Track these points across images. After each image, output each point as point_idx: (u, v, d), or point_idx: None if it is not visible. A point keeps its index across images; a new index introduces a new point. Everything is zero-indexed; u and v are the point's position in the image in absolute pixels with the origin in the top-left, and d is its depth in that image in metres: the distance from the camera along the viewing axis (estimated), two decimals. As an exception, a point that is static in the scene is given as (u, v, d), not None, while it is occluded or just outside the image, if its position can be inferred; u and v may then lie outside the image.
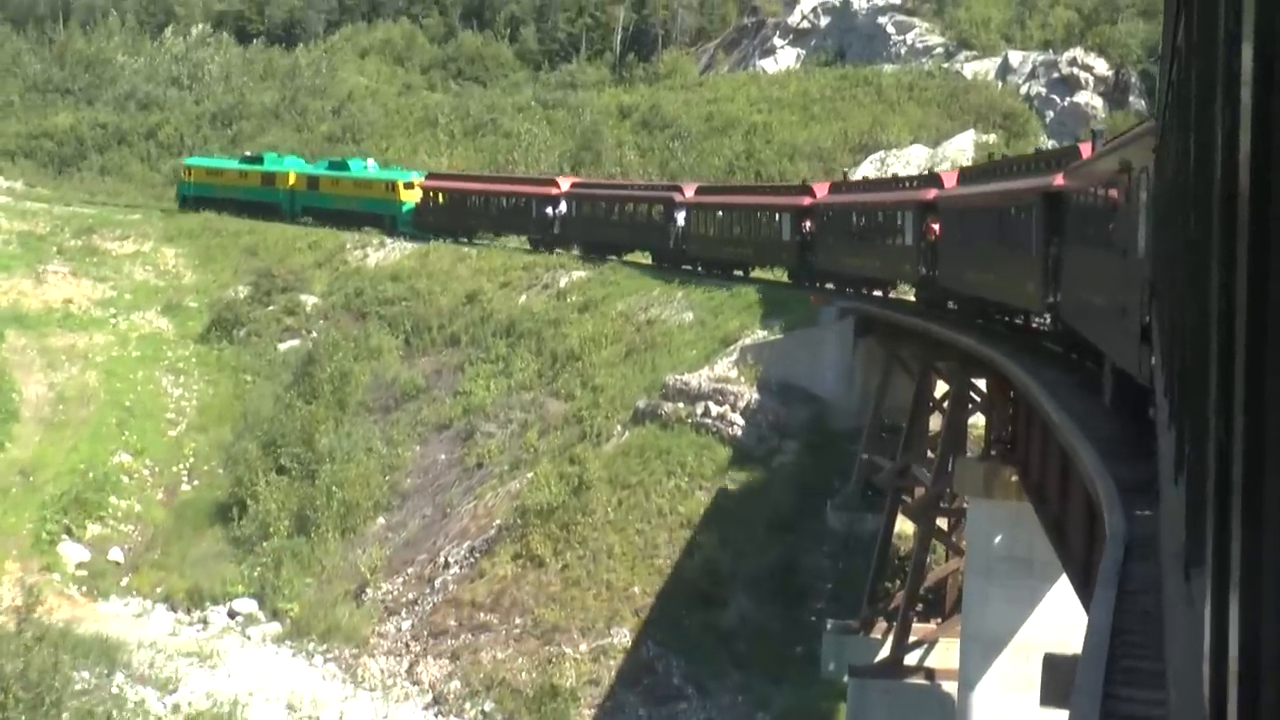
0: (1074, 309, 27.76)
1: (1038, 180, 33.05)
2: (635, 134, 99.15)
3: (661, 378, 55.07)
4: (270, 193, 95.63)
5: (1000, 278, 36.25)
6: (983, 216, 38.43)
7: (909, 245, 46.02)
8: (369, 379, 70.51)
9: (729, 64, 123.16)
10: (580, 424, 55.81)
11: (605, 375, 59.30)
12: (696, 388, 52.31)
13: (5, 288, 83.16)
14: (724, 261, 64.62)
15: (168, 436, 72.10)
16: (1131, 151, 20.01)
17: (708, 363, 54.52)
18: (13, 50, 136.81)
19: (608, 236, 72.68)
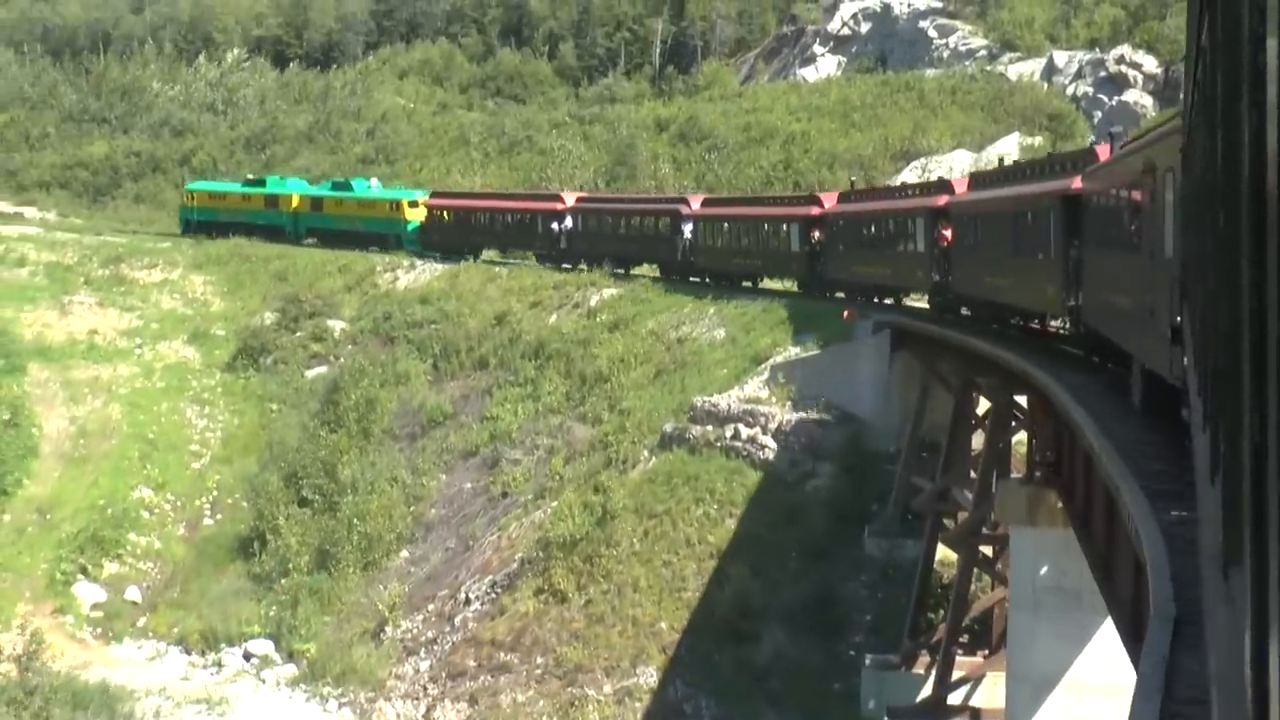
0: (1097, 312, 27.25)
1: (1055, 183, 32.19)
2: (672, 147, 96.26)
3: (691, 399, 51.97)
4: (274, 215, 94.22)
5: (1017, 282, 35.50)
6: (998, 221, 37.58)
7: (921, 252, 45.01)
8: (395, 406, 67.75)
9: (769, 73, 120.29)
10: (606, 450, 52.77)
11: (633, 397, 56.29)
12: (726, 409, 49.20)
13: (30, 320, 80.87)
14: (732, 273, 63.40)
15: (191, 469, 69.55)
16: (1155, 151, 19.61)
17: (738, 382, 51.42)
18: (49, 82, 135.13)
19: (615, 250, 71.27)
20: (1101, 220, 26.16)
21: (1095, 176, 27.82)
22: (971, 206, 41.09)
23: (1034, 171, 36.55)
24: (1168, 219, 18.05)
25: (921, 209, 45.30)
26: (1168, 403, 19.33)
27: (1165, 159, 18.52)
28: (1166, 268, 17.90)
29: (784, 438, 47.93)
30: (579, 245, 73.89)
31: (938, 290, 45.23)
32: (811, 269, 56.37)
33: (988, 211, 39.01)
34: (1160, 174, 18.96)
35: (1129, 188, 22.26)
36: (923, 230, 44.70)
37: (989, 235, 38.83)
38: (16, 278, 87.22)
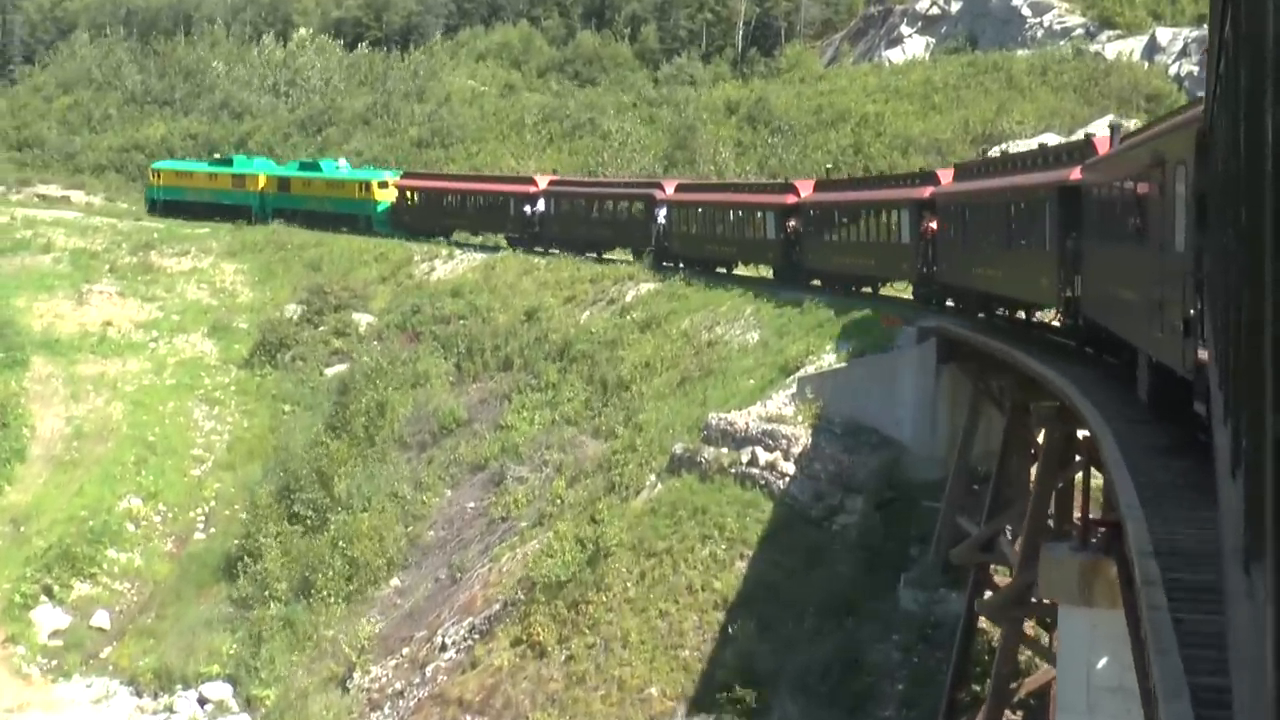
0: (1098, 304, 26.51)
1: (1051, 174, 31.29)
2: (739, 130, 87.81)
3: (710, 413, 43.70)
4: (241, 195, 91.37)
5: (1009, 273, 34.67)
6: (990, 212, 36.54)
7: (905, 243, 43.55)
8: (410, 409, 60.04)
9: (853, 56, 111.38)
10: (610, 472, 44.69)
11: (652, 409, 48.22)
12: (743, 429, 40.93)
13: (42, 310, 74.13)
14: (707, 259, 60.72)
15: (189, 476, 62.35)
16: (1165, 144, 19.09)
17: (763, 395, 43.07)
18: (115, 63, 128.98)
19: (588, 234, 68.73)
20: (1105, 212, 25.24)
21: (1097, 168, 26.99)
22: (960, 197, 39.69)
23: (1026, 162, 35.82)
24: (1179, 212, 17.51)
25: (906, 200, 43.84)
26: (1176, 395, 18.55)
27: (1176, 151, 17.96)
28: (1178, 261, 17.39)
29: (808, 464, 39.57)
30: (552, 228, 71.06)
31: (923, 281, 43.41)
32: (787, 257, 54.01)
33: (979, 202, 37.69)
34: (1171, 166, 18.35)
35: (1136, 180, 21.41)
36: (907, 221, 43.13)
37: (979, 226, 37.56)
38: (38, 265, 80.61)
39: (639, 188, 67.66)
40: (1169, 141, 18.95)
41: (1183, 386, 17.67)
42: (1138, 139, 23.43)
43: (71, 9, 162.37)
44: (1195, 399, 16.32)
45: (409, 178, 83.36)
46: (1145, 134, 22.99)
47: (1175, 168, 18.20)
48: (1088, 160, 29.02)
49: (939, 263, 41.66)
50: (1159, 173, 19.30)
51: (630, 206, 65.99)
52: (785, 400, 41.78)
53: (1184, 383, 17.47)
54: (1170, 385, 18.94)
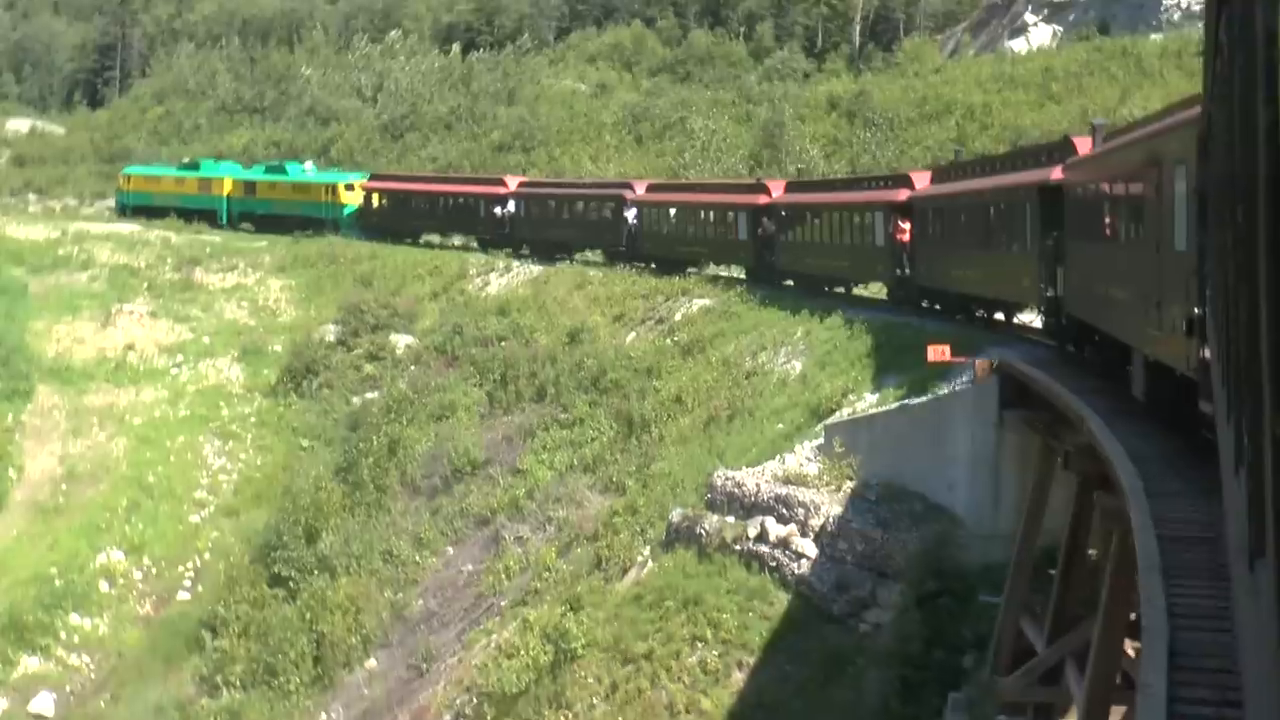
0: (1085, 303, 25.36)
1: (1031, 174, 30.28)
2: (835, 127, 77.46)
3: (718, 469, 33.73)
4: (207, 199, 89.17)
5: (989, 274, 33.71)
6: (967, 213, 35.57)
7: (880, 245, 42.10)
8: (427, 448, 50.71)
9: (975, 47, 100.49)
10: (598, 544, 34.94)
11: (672, 456, 38.74)
12: (753, 493, 30.91)
13: (62, 333, 66.19)
14: (678, 260, 57.66)
15: (185, 524, 53.70)
16: (1162, 143, 18.40)
17: (788, 444, 32.97)
18: (209, 71, 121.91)
19: (559, 235, 66.01)
20: (1093, 211, 24.22)
21: (1083, 167, 26.03)
22: (938, 199, 38.71)
23: (1003, 164, 35.17)
24: (1179, 210, 17.11)
25: (880, 203, 42.52)
26: (1173, 394, 18.11)
27: (1174, 150, 17.41)
28: (1179, 260, 17.05)
29: (831, 542, 29.40)
30: (522, 230, 68.28)
31: (899, 283, 41.82)
32: (760, 258, 51.58)
33: (957, 204, 36.66)
34: (1168, 165, 17.76)
35: (1129, 179, 20.56)
36: (881, 223, 41.72)
37: (957, 227, 36.53)
38: (73, 283, 72.91)
39: (609, 188, 65.18)
40: (1168, 139, 18.13)
41: (1182, 385, 17.25)
42: (1128, 137, 22.24)
43: (190, 20, 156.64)
44: (1201, 398, 15.65)
45: (376, 180, 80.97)
46: (1137, 132, 21.69)
47: (1175, 166, 17.42)
48: (1070, 159, 27.95)
49: (915, 265, 40.06)
50: (1157, 171, 18.45)
51: (600, 207, 63.37)
52: (809, 454, 31.67)
53: (1182, 381, 17.11)
54: (1168, 384, 18.46)
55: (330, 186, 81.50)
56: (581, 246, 65.50)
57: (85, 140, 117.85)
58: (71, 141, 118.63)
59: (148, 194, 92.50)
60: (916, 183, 41.57)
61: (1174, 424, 19.18)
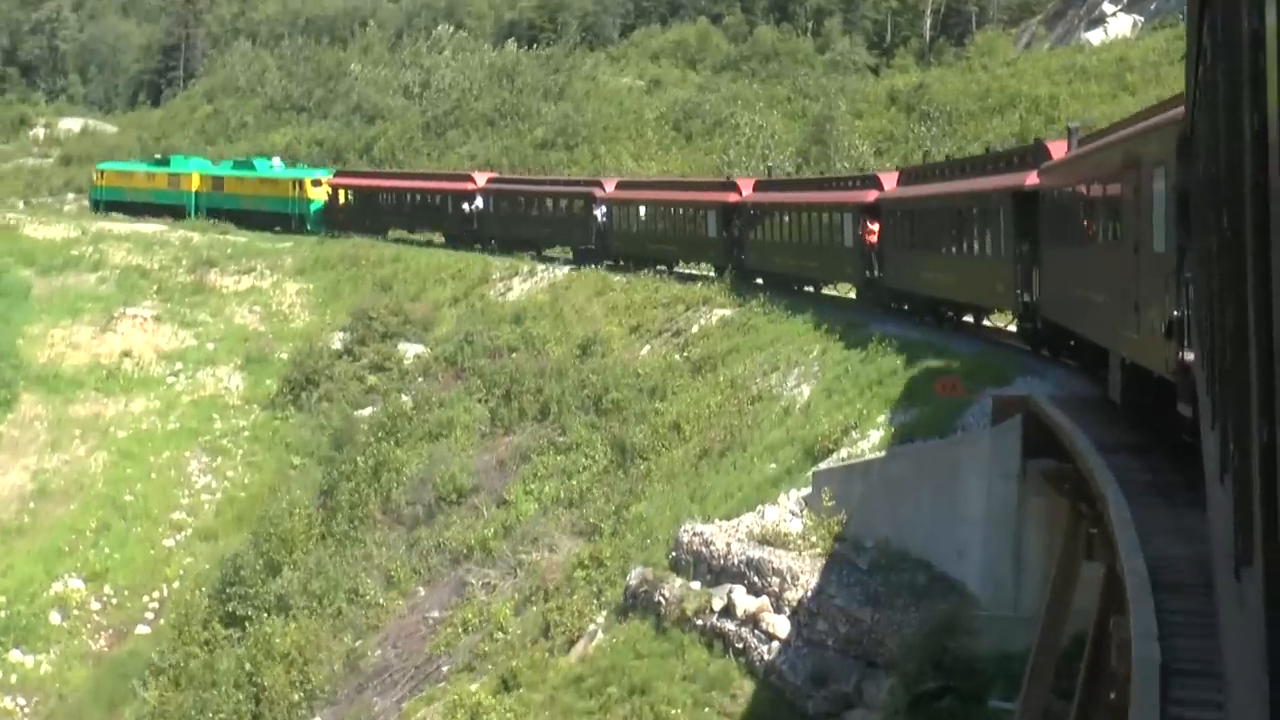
0: (1061, 307, 24.54)
1: (1004, 178, 29.56)
2: (893, 121, 71.09)
3: (685, 522, 27.68)
4: (176, 195, 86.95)
5: (961, 278, 32.35)
6: (938, 216, 34.19)
7: (850, 246, 40.68)
8: (418, 469, 45.04)
9: (1050, 40, 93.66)
10: (554, 601, 28.93)
11: (656, 495, 32.80)
12: (723, 553, 24.87)
13: (57, 338, 61.13)
14: (648, 258, 55.27)
15: (158, 548, 48.32)
16: (1141, 144, 17.91)
17: (775, 491, 26.79)
18: (259, 69, 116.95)
19: (528, 233, 63.86)
20: (1070, 214, 23.72)
21: (1059, 171, 25.26)
22: (908, 201, 37.35)
23: (972, 167, 34.65)
24: (1158, 213, 16.57)
25: (849, 203, 41.25)
26: (1150, 396, 17.76)
27: (1155, 152, 16.87)
28: (1158, 262, 16.49)
29: (810, 621, 23.28)
30: (491, 227, 66.12)
31: (869, 285, 40.71)
32: (729, 256, 49.68)
33: (928, 206, 35.23)
34: (1147, 167, 17.22)
35: (1108, 181, 19.89)
36: (850, 224, 40.39)
37: (928, 230, 34.90)
38: (81, 285, 67.86)
39: (578, 185, 63.27)
40: (1147, 142, 17.55)
41: (1159, 387, 16.76)
42: (1105, 140, 21.40)
43: (252, 20, 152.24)
44: (1180, 401, 15.13)
45: (342, 176, 79.29)
46: (1114, 135, 20.78)
47: (1154, 168, 16.77)
48: (1046, 163, 27.11)
49: (885, 267, 38.81)
50: (1135, 174, 17.81)
51: (571, 204, 61.27)
52: (794, 507, 25.48)
53: (1160, 383, 16.60)
54: (1144, 386, 17.97)
55: (297, 182, 79.73)
56: (551, 244, 63.40)
57: (134, 139, 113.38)
58: (120, 141, 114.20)
59: (120, 189, 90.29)
60: (885, 184, 40.24)
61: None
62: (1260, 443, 3.99)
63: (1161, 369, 16.30)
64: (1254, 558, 4.22)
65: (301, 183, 79.17)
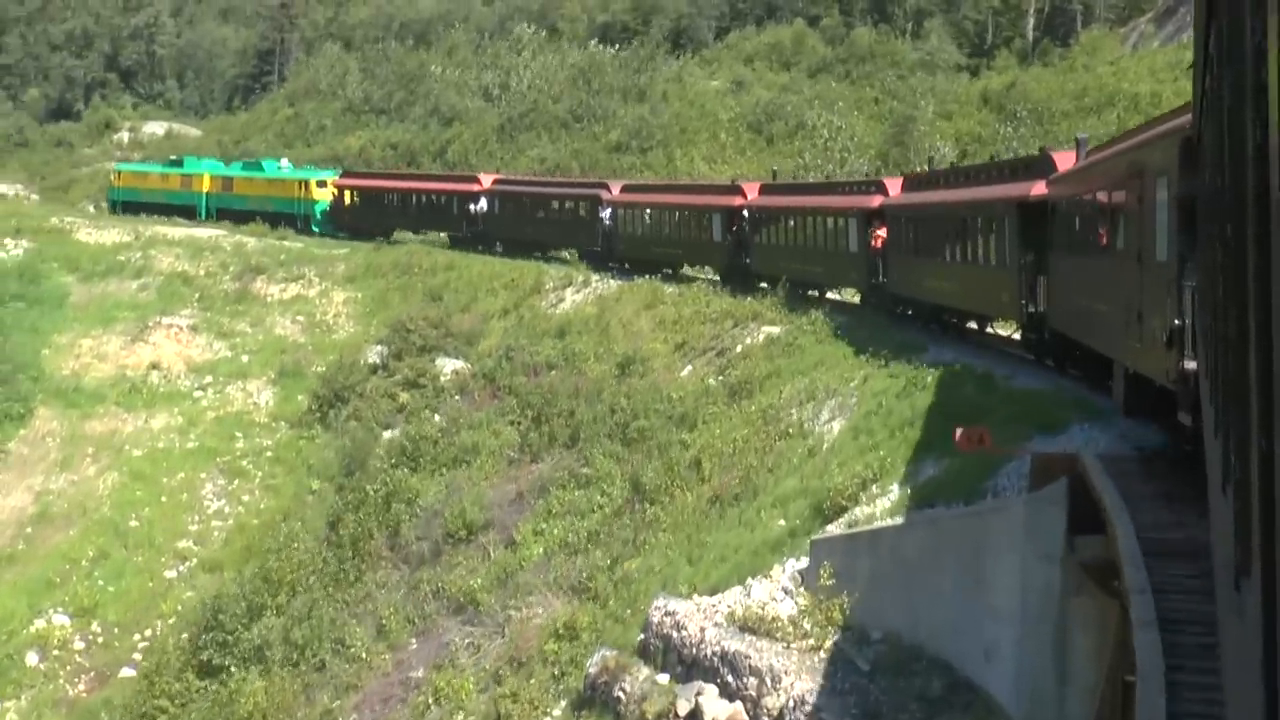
0: (1069, 317, 24.02)
1: (1010, 188, 28.68)
2: (982, 122, 65.42)
3: (705, 573, 22.52)
4: (188, 195, 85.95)
5: (967, 287, 31.49)
6: (944, 225, 33.03)
7: (855, 252, 39.42)
8: (435, 499, 40.34)
9: (1159, 39, 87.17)
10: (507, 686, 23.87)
11: (657, 547, 27.85)
12: (696, 640, 19.71)
13: (84, 348, 57.27)
14: (653, 261, 54.75)
15: (158, 579, 43.89)
16: (1145, 154, 17.47)
17: (774, 557, 21.54)
18: (340, 72, 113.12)
19: (533, 235, 62.42)
20: (1076, 224, 23.23)
21: (1066, 181, 24.89)
22: (913, 208, 35.84)
23: (977, 175, 33.25)
24: (1161, 222, 16.16)
25: (854, 209, 39.66)
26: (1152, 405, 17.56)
27: (1158, 161, 16.52)
28: (1160, 271, 16.06)
29: (796, 737, 17.93)
30: (497, 228, 64.58)
31: (873, 291, 39.27)
32: (734, 260, 48.68)
33: (933, 214, 34.09)
34: (1150, 176, 16.86)
35: (1113, 191, 19.56)
36: (856, 230, 39.15)
37: (934, 238, 33.71)
38: (121, 292, 64.05)
39: (584, 188, 61.83)
40: (1150, 151, 17.20)
41: (1161, 396, 16.47)
42: (1111, 150, 20.86)
43: (345, 24, 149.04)
44: (1180, 410, 14.96)
45: (348, 177, 77.63)
46: (1120, 145, 20.30)
47: (1157, 178, 16.41)
48: (1055, 174, 26.09)
49: (889, 273, 37.72)
50: (1138, 183, 17.49)
51: (576, 207, 59.86)
52: (788, 582, 20.22)
53: (1162, 392, 16.27)
54: (1147, 396, 17.73)
55: (303, 183, 78.53)
56: (557, 246, 62.04)
57: (214, 143, 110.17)
58: (200, 144, 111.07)
59: (135, 190, 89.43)
60: (891, 190, 38.83)
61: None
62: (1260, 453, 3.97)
63: (1162, 378, 15.93)
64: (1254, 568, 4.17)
65: (307, 184, 78.02)
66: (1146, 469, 16.98)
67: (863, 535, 19.80)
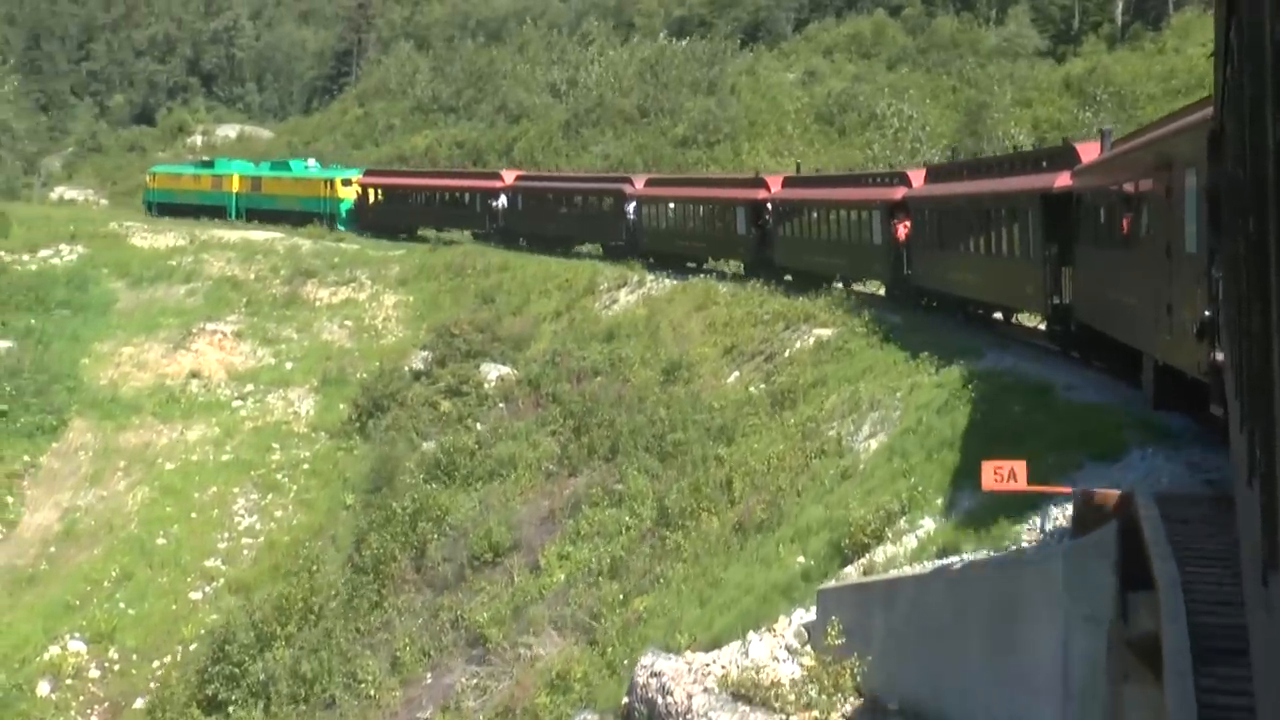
0: (1095, 309, 23.71)
1: (1034, 179, 28.07)
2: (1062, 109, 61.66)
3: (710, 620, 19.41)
4: (218, 196, 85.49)
5: (991, 279, 30.95)
6: (968, 216, 32.54)
7: (878, 244, 38.62)
8: (467, 515, 37.56)
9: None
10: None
11: (672, 581, 24.59)
12: (682, 708, 16.53)
13: (124, 356, 55.22)
14: (678, 255, 53.70)
15: (183, 601, 41.47)
16: (1171, 145, 17.13)
17: (784, 603, 18.34)
18: (410, 71, 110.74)
19: (557, 230, 61.41)
20: (1102, 216, 22.64)
21: (1092, 172, 24.44)
22: (936, 200, 35.23)
23: (1000, 167, 33.01)
24: (1189, 213, 15.85)
25: (877, 201, 38.85)
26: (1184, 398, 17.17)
27: (1185, 152, 16.12)
28: (1190, 263, 15.73)
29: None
30: (520, 224, 63.79)
31: (897, 283, 38.39)
32: (759, 253, 47.99)
33: (957, 206, 33.28)
34: (1179, 167, 16.55)
35: (1140, 182, 19.21)
36: (879, 222, 38.23)
37: (958, 231, 33.13)
38: (168, 298, 62.00)
39: (609, 182, 60.62)
40: (1178, 142, 16.81)
41: (1192, 388, 16.08)
42: (1139, 141, 20.44)
43: (421, 23, 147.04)
44: (1213, 402, 14.38)
45: (371, 175, 77.51)
46: (1146, 137, 19.80)
47: (1185, 169, 16.14)
48: (1078, 165, 25.67)
49: (913, 265, 37.04)
50: (1166, 174, 17.25)
51: (600, 202, 58.92)
52: (793, 638, 17.03)
53: (1193, 384, 15.90)
54: (1178, 388, 17.29)
55: (328, 182, 78.09)
56: (581, 241, 61.19)
57: (284, 145, 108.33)
58: (271, 147, 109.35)
59: (170, 191, 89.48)
60: (914, 181, 38.22)
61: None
62: None
63: (1194, 370, 15.61)
64: None
65: (332, 182, 77.54)
66: (1217, 513, 13.68)
67: (877, 586, 16.59)
